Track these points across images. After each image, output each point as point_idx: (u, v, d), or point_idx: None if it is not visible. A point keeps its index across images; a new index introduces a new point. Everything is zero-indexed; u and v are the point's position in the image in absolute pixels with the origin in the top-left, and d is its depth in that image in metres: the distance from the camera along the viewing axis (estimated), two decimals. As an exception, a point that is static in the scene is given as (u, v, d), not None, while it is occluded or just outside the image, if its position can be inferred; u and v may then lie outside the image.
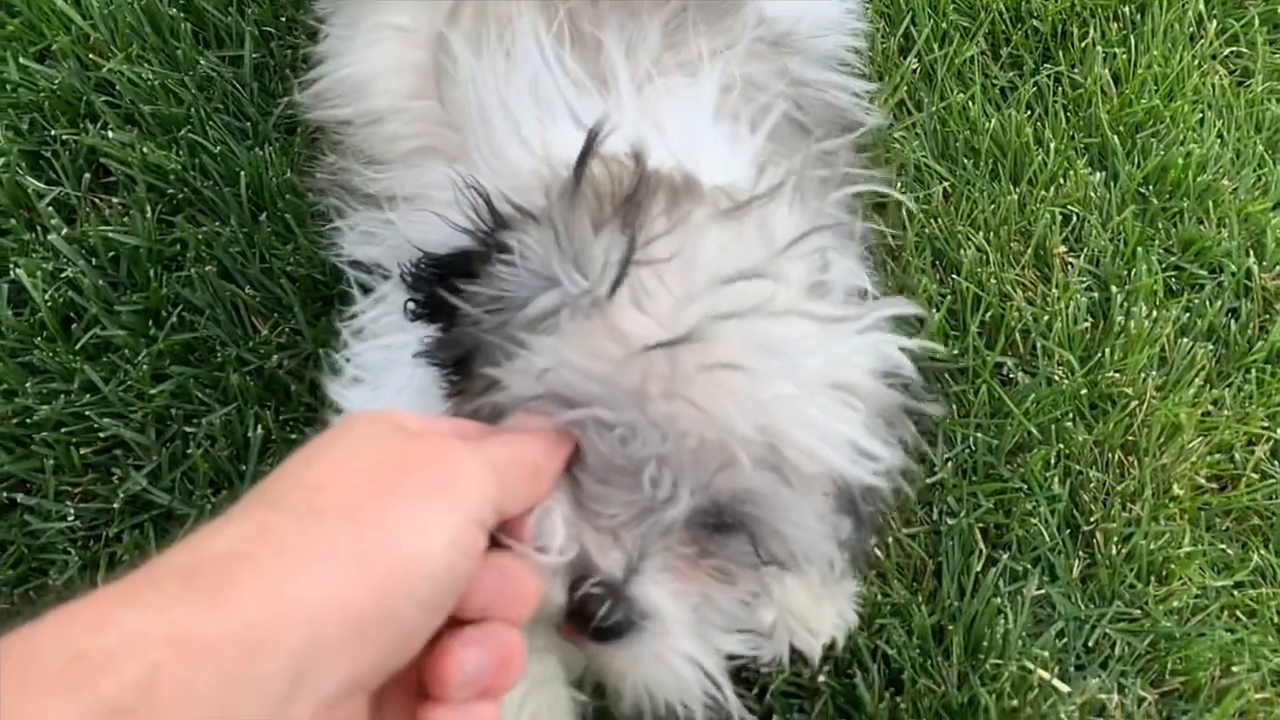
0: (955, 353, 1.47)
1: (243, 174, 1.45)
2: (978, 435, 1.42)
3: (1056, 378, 1.48)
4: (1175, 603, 1.37)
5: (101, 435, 1.32)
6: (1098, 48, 1.75)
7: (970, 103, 1.68)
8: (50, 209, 1.44)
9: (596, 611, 0.71)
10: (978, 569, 1.34)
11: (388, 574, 0.52)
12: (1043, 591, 1.35)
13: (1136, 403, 1.47)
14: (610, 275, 0.73)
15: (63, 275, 1.39)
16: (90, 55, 1.56)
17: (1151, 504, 1.42)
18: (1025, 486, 1.41)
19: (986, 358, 1.47)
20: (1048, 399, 1.46)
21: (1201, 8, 1.84)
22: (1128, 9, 1.81)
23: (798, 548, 0.76)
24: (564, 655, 0.92)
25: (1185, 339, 1.54)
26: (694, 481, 0.71)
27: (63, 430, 1.31)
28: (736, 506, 0.73)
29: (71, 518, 1.28)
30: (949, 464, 1.41)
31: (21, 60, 1.54)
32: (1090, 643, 1.33)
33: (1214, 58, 1.83)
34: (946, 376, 1.46)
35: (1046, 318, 1.52)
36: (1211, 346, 1.55)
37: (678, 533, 0.74)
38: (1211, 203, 1.66)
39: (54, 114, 1.51)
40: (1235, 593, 1.40)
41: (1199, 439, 1.48)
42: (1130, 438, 1.47)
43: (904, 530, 1.36)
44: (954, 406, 1.45)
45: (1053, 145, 1.65)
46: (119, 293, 1.40)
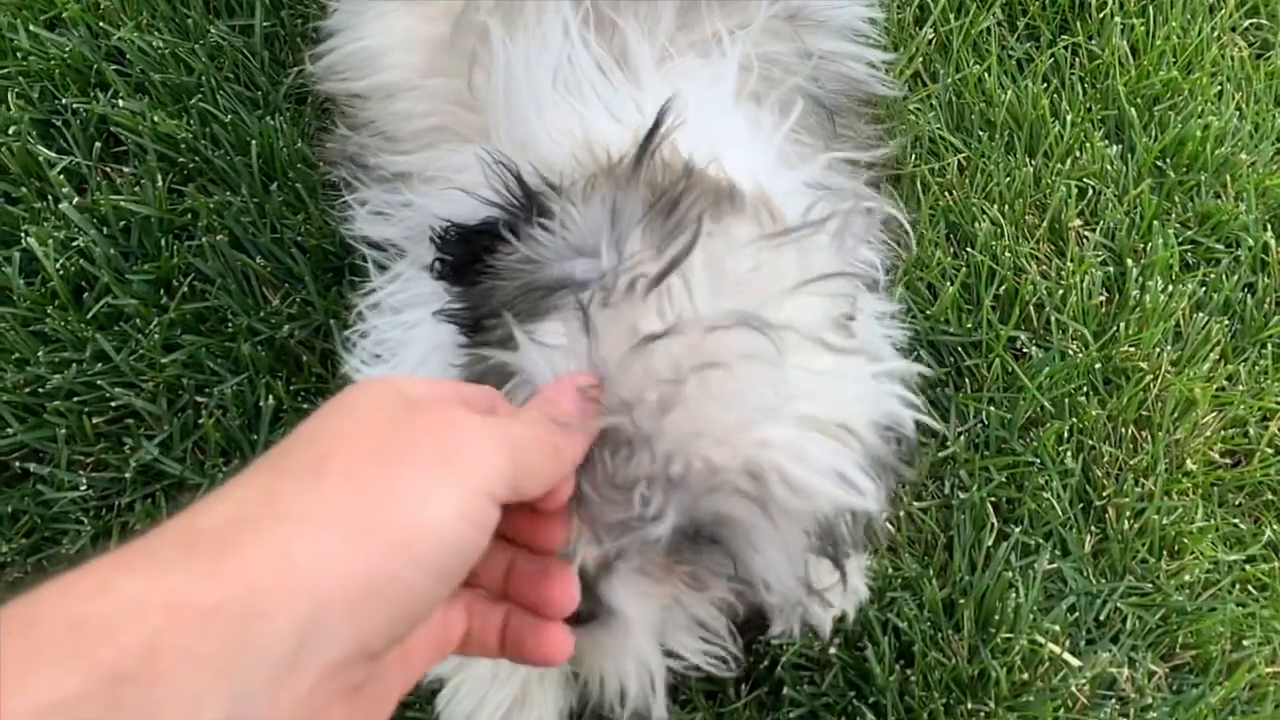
0: (969, 326, 1.47)
1: (253, 143, 1.44)
2: (990, 409, 1.41)
3: (1070, 352, 1.47)
4: (1187, 577, 1.37)
5: (113, 404, 1.32)
6: (1116, 19, 1.73)
7: (986, 74, 1.66)
8: (61, 178, 1.44)
9: None
10: (989, 543, 1.34)
11: (391, 542, 0.52)
12: (1054, 566, 1.35)
13: (1151, 377, 1.47)
14: (650, 270, 0.72)
15: (74, 244, 1.39)
16: (100, 23, 1.55)
17: (1164, 479, 1.41)
18: (1038, 461, 1.40)
19: (1000, 331, 1.46)
20: (1061, 373, 1.45)
21: (1221, -21, 1.82)
22: (1146, -20, 1.79)
23: (765, 577, 0.77)
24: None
25: (1201, 313, 1.53)
26: (680, 503, 0.71)
27: (75, 399, 1.31)
28: (715, 528, 0.74)
29: (84, 487, 1.28)
30: (961, 438, 1.40)
31: (32, 28, 1.53)
32: (1101, 617, 1.33)
33: (1233, 29, 1.81)
34: (960, 350, 1.46)
35: (1061, 291, 1.51)
36: (1227, 321, 1.54)
37: (658, 545, 0.74)
38: (1229, 176, 1.64)
39: (64, 82, 1.51)
40: (1247, 567, 1.40)
41: (1213, 414, 1.48)
42: (1144, 412, 1.46)
43: (916, 504, 1.36)
44: (967, 380, 1.45)
45: (1069, 118, 1.63)
46: (130, 262, 1.40)
